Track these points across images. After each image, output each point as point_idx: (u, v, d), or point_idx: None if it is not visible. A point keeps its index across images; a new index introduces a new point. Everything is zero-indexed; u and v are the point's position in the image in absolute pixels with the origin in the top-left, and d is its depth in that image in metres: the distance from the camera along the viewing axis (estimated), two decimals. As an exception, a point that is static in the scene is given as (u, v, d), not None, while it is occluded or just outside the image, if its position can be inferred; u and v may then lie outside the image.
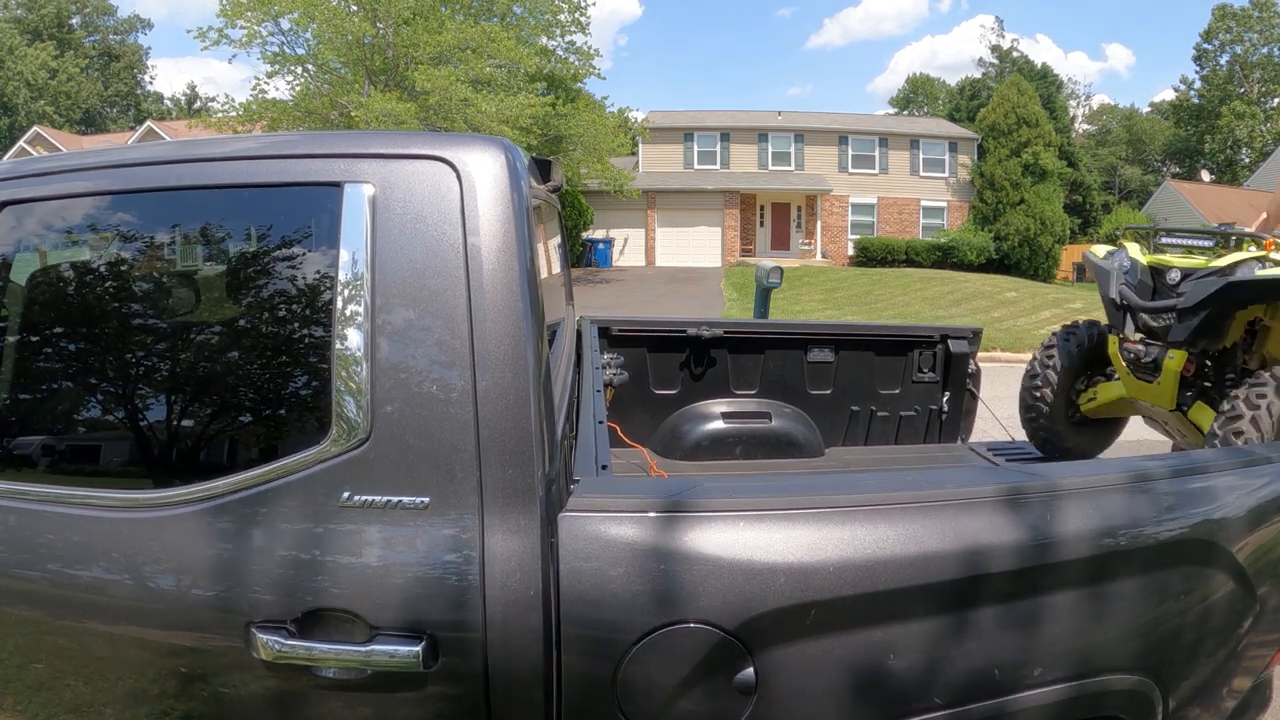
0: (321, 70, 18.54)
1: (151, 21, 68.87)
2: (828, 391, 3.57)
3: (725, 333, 3.47)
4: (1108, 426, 3.64)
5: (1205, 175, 38.65)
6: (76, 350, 1.43)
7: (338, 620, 1.17)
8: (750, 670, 1.15)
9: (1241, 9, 40.02)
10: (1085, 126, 51.61)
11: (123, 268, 1.39)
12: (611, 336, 3.39)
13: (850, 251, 27.68)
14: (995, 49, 45.76)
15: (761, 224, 28.05)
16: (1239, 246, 2.92)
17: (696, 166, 28.02)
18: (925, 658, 1.22)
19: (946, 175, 28.88)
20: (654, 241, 27.41)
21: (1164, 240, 3.18)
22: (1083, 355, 3.42)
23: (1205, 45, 41.55)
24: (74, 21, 47.28)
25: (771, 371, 3.53)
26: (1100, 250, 3.45)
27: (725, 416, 3.47)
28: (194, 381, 1.36)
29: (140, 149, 1.41)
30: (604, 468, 1.55)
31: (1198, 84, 42.41)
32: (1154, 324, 3.05)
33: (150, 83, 52.27)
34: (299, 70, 18.54)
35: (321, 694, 1.19)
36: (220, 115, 18.50)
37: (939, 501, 1.28)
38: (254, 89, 18.42)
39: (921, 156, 28.77)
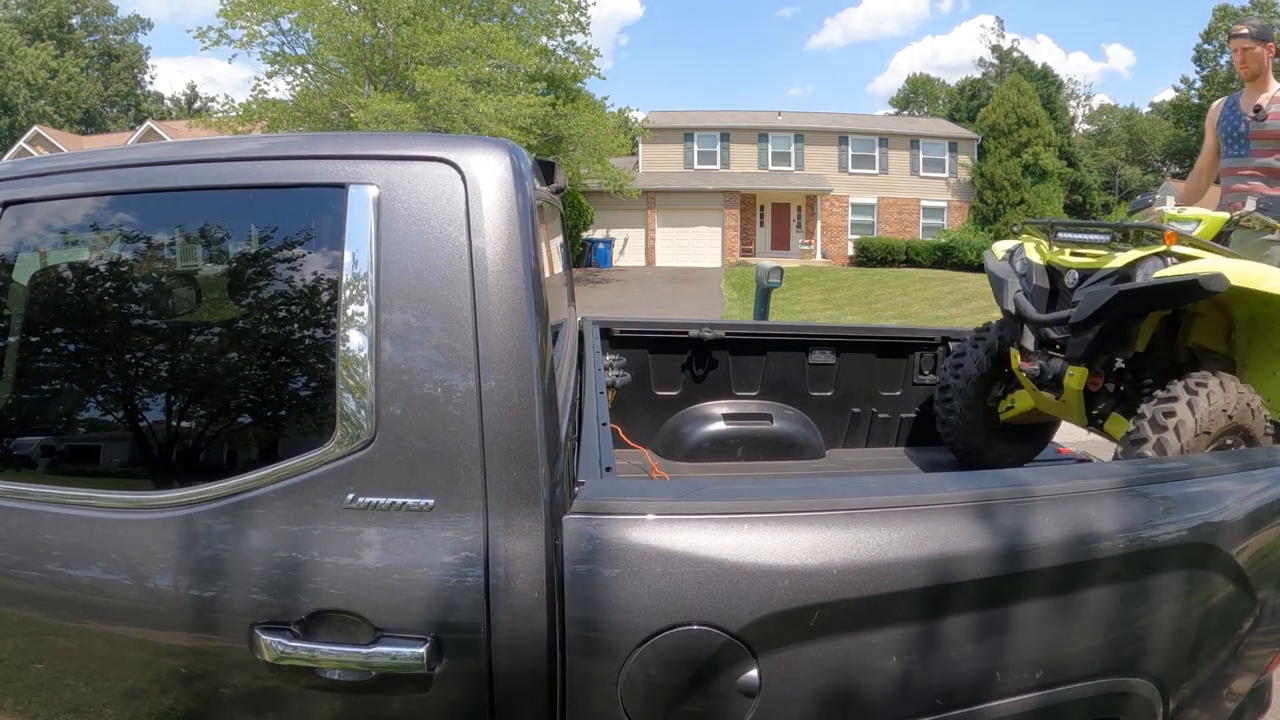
0: (321, 70, 18.56)
1: (151, 21, 69.00)
2: (829, 393, 3.57)
3: (727, 334, 3.47)
4: (1036, 432, 3.34)
5: (1205, 176, 38.56)
6: (82, 351, 1.43)
7: (342, 622, 1.17)
8: (754, 672, 1.15)
9: (1242, 9, 40.01)
10: (1085, 126, 51.61)
11: (125, 269, 1.39)
12: (613, 338, 3.39)
13: (850, 251, 27.70)
14: (995, 49, 45.88)
15: (761, 224, 28.07)
16: (1139, 239, 2.55)
17: (696, 166, 28.04)
18: (928, 661, 1.23)
19: (946, 175, 28.90)
20: (654, 241, 27.43)
21: (1062, 235, 2.80)
22: (994, 362, 3.11)
23: (1205, 45, 41.55)
24: (74, 21, 47.27)
25: (773, 373, 3.53)
26: (1000, 249, 3.05)
27: (727, 418, 3.46)
28: (199, 384, 1.36)
29: (142, 149, 1.41)
30: (608, 470, 1.54)
31: (1198, 84, 42.38)
32: (1053, 335, 2.70)
33: (150, 83, 52.37)
34: (299, 70, 18.57)
35: (325, 695, 1.19)
36: (220, 115, 18.53)
37: (942, 504, 1.28)
38: (254, 89, 18.49)
39: (921, 156, 28.80)
